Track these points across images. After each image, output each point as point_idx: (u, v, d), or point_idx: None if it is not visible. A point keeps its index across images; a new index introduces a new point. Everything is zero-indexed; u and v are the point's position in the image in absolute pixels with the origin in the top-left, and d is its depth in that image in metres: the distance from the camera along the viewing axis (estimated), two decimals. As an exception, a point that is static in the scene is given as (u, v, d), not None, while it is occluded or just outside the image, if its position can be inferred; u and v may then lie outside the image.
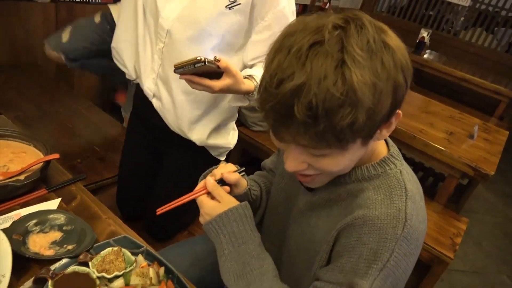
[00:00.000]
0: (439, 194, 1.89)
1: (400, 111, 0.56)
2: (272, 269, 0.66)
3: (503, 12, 4.71)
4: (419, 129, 1.87)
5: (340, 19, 0.50)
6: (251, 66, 1.02)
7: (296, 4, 1.05)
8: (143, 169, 1.32)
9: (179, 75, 0.85)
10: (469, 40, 4.80)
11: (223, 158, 1.24)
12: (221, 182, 0.71)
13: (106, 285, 0.66)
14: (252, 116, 2.03)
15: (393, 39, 0.52)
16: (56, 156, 0.86)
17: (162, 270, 0.72)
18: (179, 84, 1.01)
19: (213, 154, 1.20)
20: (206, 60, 0.79)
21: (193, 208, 0.72)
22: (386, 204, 0.57)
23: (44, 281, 0.63)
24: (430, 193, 2.11)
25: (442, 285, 2.08)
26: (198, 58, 0.78)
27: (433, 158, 1.76)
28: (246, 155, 2.16)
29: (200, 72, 0.84)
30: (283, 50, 0.51)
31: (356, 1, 5.24)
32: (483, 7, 4.79)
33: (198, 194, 0.69)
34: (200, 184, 0.71)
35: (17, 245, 0.68)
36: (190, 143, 1.13)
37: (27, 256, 0.67)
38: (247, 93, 0.94)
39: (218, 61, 0.82)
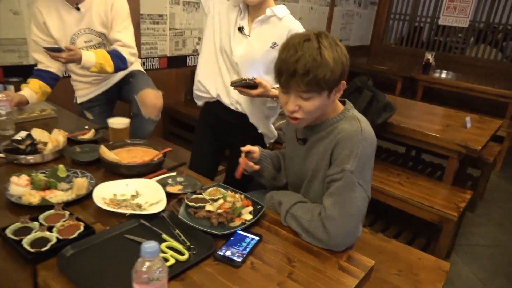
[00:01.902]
0: (445, 175, 2.30)
1: (344, 82, 1.09)
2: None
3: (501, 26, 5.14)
4: (418, 125, 2.34)
5: (316, 32, 1.06)
6: None
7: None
8: (209, 160, 1.87)
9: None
10: (474, 56, 5.23)
11: (268, 143, 1.82)
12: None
13: (211, 203, 1.19)
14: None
15: (341, 44, 1.07)
16: (170, 149, 1.43)
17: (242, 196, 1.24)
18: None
19: (265, 140, 1.78)
20: (248, 78, 1.43)
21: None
22: (350, 126, 1.09)
23: (182, 200, 1.17)
24: (438, 178, 2.53)
25: (467, 257, 2.41)
26: (244, 78, 1.42)
27: (432, 144, 2.22)
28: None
29: (245, 85, 1.46)
30: (289, 44, 1.07)
31: (365, 39, 5.86)
32: (481, 25, 5.26)
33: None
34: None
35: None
36: (252, 134, 1.71)
37: (169, 192, 1.22)
38: (274, 97, 1.53)
39: (255, 79, 1.44)
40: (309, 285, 0.92)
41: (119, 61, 1.79)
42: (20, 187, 1.12)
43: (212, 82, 1.70)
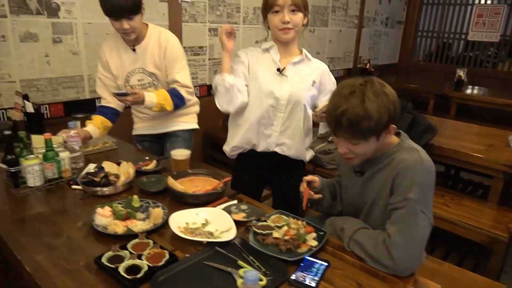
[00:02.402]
0: (491, 195, 2.30)
1: (394, 126, 1.16)
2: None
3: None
4: (460, 145, 2.36)
5: (363, 80, 1.14)
6: None
7: (341, 69, 1.78)
8: (252, 190, 1.87)
9: (296, 123, 1.64)
10: (507, 70, 5.18)
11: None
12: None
13: (277, 230, 1.27)
14: (325, 158, 2.65)
15: (388, 89, 1.15)
16: (229, 178, 1.53)
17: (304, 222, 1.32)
18: (296, 127, 1.69)
19: (306, 166, 1.87)
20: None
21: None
22: (410, 157, 1.15)
23: (250, 227, 1.26)
24: (481, 197, 2.52)
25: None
26: None
27: (475, 164, 2.23)
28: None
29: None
30: (337, 94, 1.16)
31: (393, 57, 5.91)
32: (513, 39, 5.22)
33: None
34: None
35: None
36: (292, 164, 1.78)
37: (235, 220, 1.31)
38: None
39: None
40: (382, 309, 0.97)
41: (178, 100, 1.94)
42: (105, 217, 1.24)
43: (247, 136, 1.74)
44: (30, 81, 2.25)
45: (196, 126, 2.23)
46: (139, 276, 1.00)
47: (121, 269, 1.01)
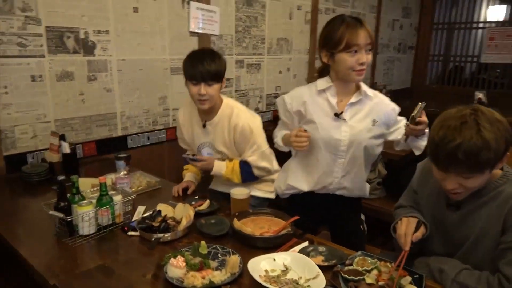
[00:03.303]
0: None
1: (508, 153, 1.08)
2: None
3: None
4: None
5: (471, 109, 1.06)
6: None
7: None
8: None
9: (358, 166, 1.57)
10: (524, 91, 5.16)
11: None
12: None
13: (368, 275, 1.15)
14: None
15: (499, 115, 1.07)
16: (297, 217, 1.43)
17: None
18: (357, 170, 1.61)
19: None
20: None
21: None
22: None
23: (337, 273, 1.14)
24: None
25: None
26: None
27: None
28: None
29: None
30: (444, 126, 1.07)
31: (406, 82, 5.92)
32: (527, 60, 5.24)
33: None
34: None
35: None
36: (352, 201, 1.68)
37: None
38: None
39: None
40: None
41: (247, 176, 1.86)
42: (179, 269, 1.13)
43: (305, 178, 1.68)
44: (65, 120, 2.18)
45: (270, 195, 2.02)
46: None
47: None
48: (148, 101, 2.57)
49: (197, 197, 1.73)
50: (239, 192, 1.55)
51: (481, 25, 5.59)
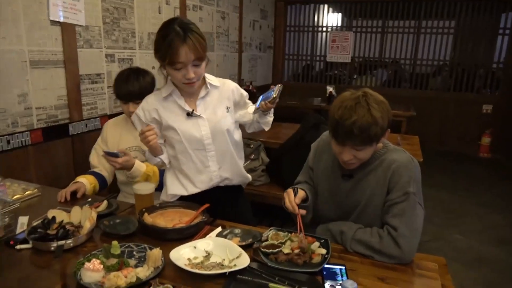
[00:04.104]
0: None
1: (389, 129, 1.31)
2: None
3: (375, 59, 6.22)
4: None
5: (362, 92, 1.26)
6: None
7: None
8: None
9: (230, 155, 1.62)
10: (360, 84, 6.18)
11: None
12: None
13: (284, 247, 1.25)
14: (253, 175, 2.70)
15: (382, 97, 1.28)
16: (207, 205, 1.44)
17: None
18: (230, 159, 1.65)
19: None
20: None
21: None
22: (401, 157, 1.30)
23: (257, 250, 1.21)
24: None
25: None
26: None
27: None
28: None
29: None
30: (341, 107, 1.25)
31: (267, 78, 6.40)
32: (360, 59, 6.28)
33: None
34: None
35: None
36: (234, 190, 1.74)
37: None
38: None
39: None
40: (413, 294, 1.07)
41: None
42: (96, 272, 1.03)
43: (185, 182, 1.64)
44: None
45: None
46: (184, 325, 0.87)
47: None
48: (3, 98, 2.19)
49: (90, 199, 1.58)
50: (143, 187, 1.48)
51: (324, 28, 6.43)
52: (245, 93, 1.71)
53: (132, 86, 1.76)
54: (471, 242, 3.04)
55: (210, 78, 1.60)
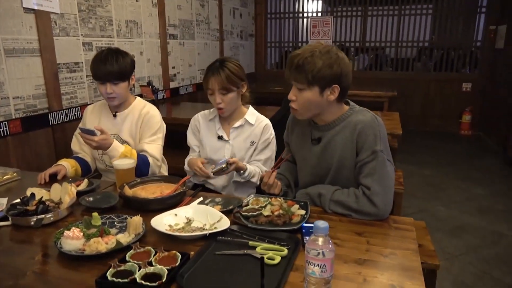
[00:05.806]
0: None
1: (337, 86, 1.32)
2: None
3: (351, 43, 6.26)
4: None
5: (326, 45, 1.29)
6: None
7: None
8: None
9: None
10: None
11: None
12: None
13: (264, 210, 1.28)
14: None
15: (342, 55, 1.31)
16: (189, 177, 1.46)
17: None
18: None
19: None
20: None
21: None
22: (365, 117, 1.33)
23: (237, 214, 1.23)
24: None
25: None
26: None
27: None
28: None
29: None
30: (295, 52, 1.28)
31: (250, 67, 6.39)
32: (342, 44, 6.31)
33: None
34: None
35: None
36: None
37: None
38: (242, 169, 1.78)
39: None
40: (387, 243, 1.10)
41: (143, 164, 1.76)
42: (76, 240, 1.04)
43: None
44: None
45: None
46: (164, 280, 0.88)
47: (139, 277, 0.88)
48: (-22, 88, 2.16)
49: (70, 179, 1.57)
50: (123, 162, 1.48)
51: (305, 14, 6.44)
52: (268, 136, 1.86)
53: (111, 67, 1.74)
54: (453, 213, 3.12)
55: (249, 116, 1.84)
